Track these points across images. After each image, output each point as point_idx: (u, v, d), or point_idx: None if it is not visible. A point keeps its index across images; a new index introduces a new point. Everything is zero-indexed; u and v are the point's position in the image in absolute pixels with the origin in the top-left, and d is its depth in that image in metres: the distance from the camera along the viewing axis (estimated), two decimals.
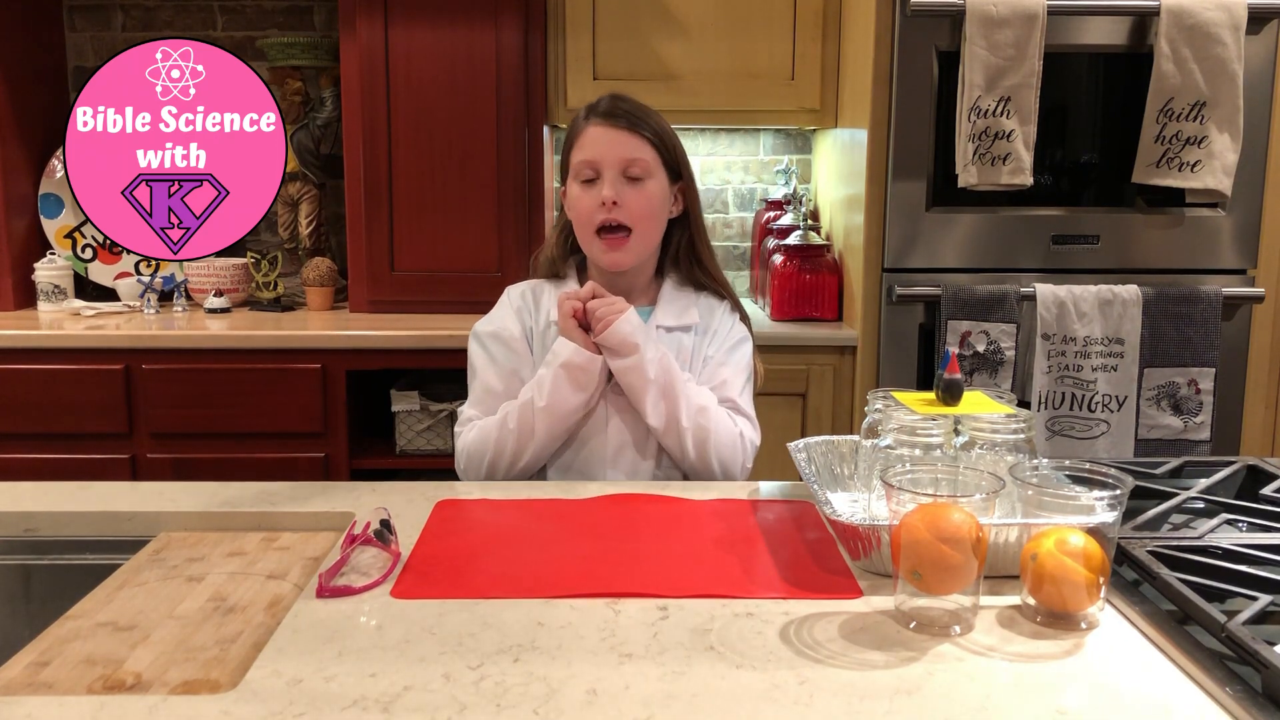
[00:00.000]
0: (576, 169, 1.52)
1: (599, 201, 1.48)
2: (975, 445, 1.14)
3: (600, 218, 1.49)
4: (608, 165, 1.49)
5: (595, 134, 1.50)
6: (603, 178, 1.49)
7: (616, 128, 1.50)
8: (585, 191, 1.51)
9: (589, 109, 1.54)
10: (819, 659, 0.90)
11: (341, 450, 2.44)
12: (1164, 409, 2.30)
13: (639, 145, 1.50)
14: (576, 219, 1.53)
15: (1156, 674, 0.88)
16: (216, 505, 1.30)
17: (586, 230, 1.51)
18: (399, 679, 0.86)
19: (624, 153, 1.49)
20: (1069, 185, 2.40)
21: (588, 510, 1.30)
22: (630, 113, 1.51)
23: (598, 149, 1.50)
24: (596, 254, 1.53)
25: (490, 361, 1.55)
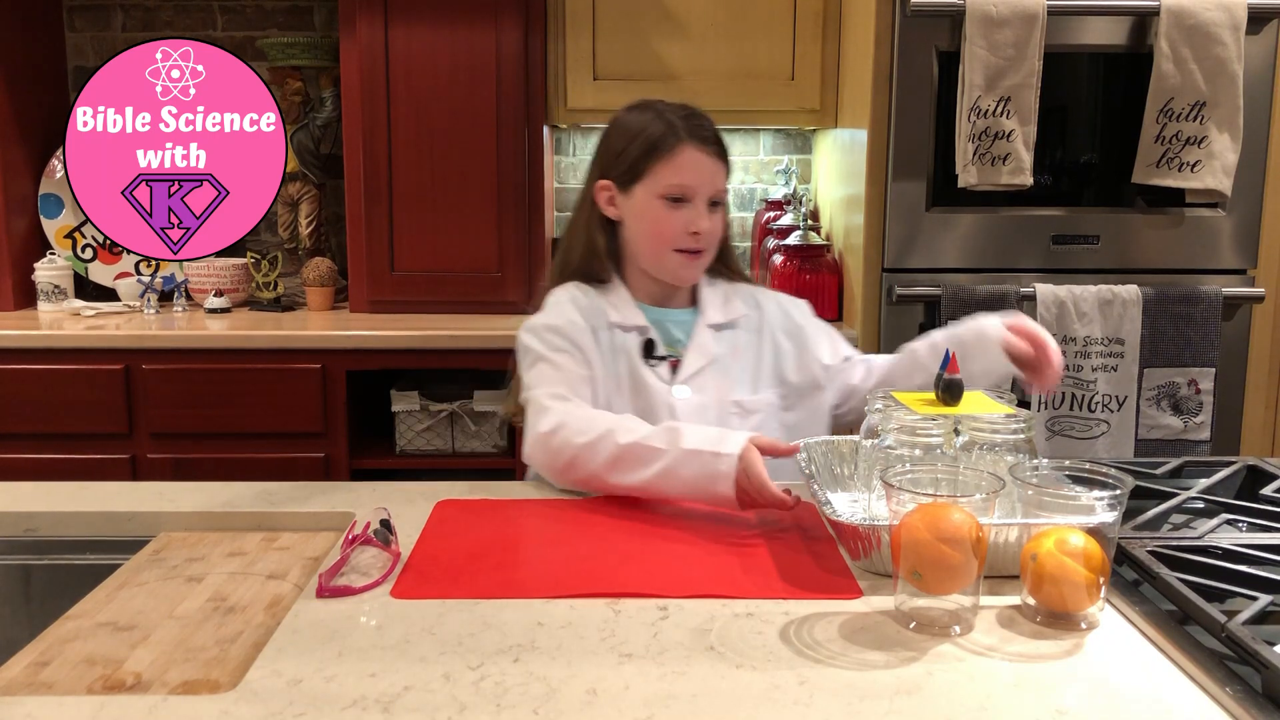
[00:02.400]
0: (668, 188, 1.49)
1: (690, 227, 1.49)
2: (975, 445, 1.14)
3: (688, 244, 1.50)
4: (703, 194, 1.49)
5: (695, 159, 1.49)
6: (694, 204, 1.49)
7: (714, 156, 1.50)
8: (673, 211, 1.49)
9: (677, 126, 1.49)
10: (819, 659, 0.90)
11: (341, 450, 2.44)
12: (1164, 409, 2.30)
13: (725, 176, 1.53)
14: (655, 235, 1.51)
15: (1156, 674, 0.88)
16: (216, 505, 1.30)
17: (665, 248, 1.51)
18: (399, 679, 0.86)
19: (718, 183, 1.51)
20: (1069, 185, 2.39)
21: (588, 510, 1.30)
22: (719, 139, 1.52)
23: (698, 176, 1.49)
24: (670, 269, 1.53)
25: (556, 351, 1.48)
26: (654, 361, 1.52)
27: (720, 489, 1.23)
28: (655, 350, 1.52)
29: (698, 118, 1.52)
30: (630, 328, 1.53)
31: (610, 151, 1.55)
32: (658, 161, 1.49)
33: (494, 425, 2.52)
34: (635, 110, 1.55)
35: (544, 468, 1.39)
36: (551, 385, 1.43)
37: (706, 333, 1.54)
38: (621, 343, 1.52)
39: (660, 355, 1.52)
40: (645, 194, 1.50)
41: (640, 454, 1.29)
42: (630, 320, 1.53)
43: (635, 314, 1.54)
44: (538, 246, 2.65)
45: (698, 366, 1.52)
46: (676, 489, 1.27)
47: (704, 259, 1.53)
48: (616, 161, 1.53)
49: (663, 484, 1.28)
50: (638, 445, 1.29)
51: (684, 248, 1.50)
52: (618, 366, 1.51)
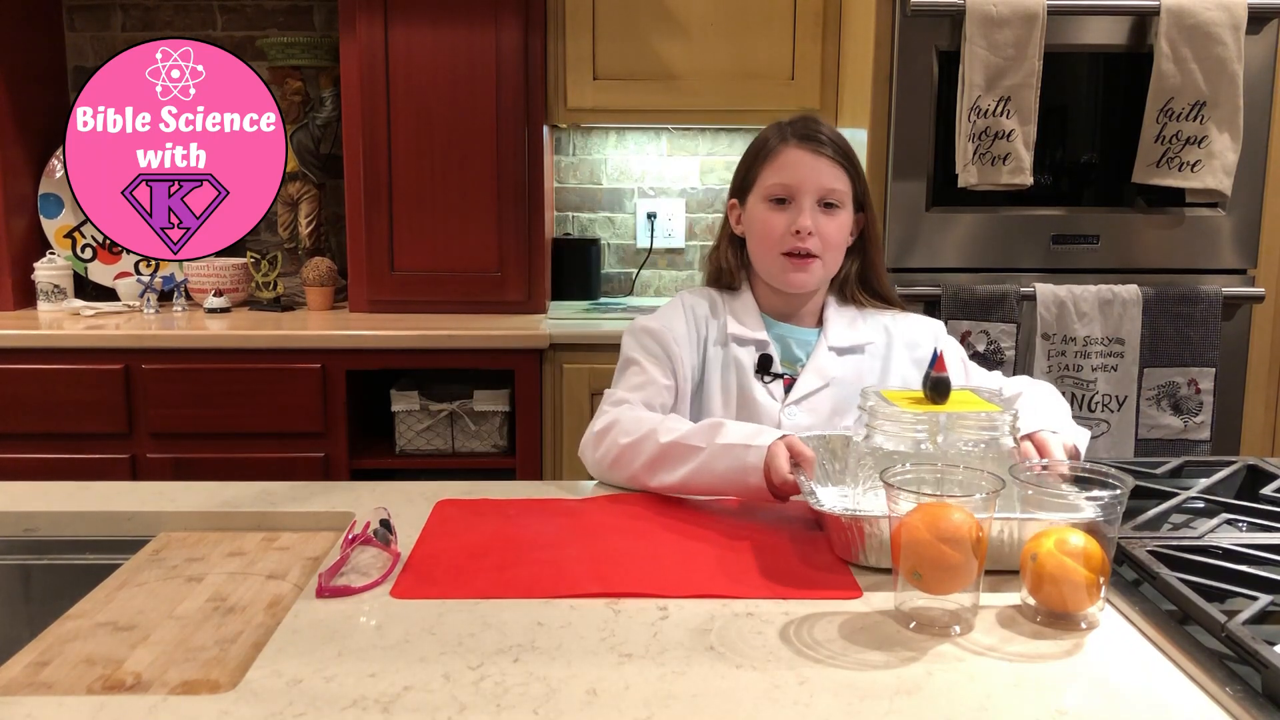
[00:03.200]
0: (769, 189, 1.47)
1: (791, 226, 1.45)
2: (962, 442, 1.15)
3: (792, 244, 1.46)
4: (806, 192, 1.46)
5: (795, 157, 1.46)
6: (798, 203, 1.46)
7: (816, 153, 1.46)
8: (776, 213, 1.47)
9: (784, 129, 1.49)
10: (819, 659, 0.90)
11: (341, 450, 2.44)
12: (1164, 409, 2.30)
13: (838, 174, 1.47)
14: (763, 238, 1.49)
15: (1156, 674, 0.88)
16: (216, 505, 1.30)
17: (772, 251, 1.48)
18: (399, 679, 0.86)
19: (825, 181, 1.46)
20: (1069, 185, 2.39)
21: (588, 510, 1.30)
22: (833, 140, 1.48)
23: (798, 173, 1.46)
24: (778, 273, 1.49)
25: (646, 354, 1.49)
26: (768, 378, 1.49)
27: (751, 480, 1.26)
28: (771, 366, 1.50)
29: (807, 120, 1.49)
30: (748, 341, 1.50)
31: (736, 172, 1.56)
32: (763, 166, 1.49)
33: (494, 425, 2.52)
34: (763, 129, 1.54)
35: (592, 466, 1.43)
36: (624, 390, 1.46)
37: (827, 354, 1.51)
38: (736, 356, 1.50)
39: (776, 372, 1.49)
40: (755, 200, 1.50)
41: (680, 452, 1.31)
42: (750, 333, 1.51)
43: (757, 326, 1.51)
44: (538, 246, 2.65)
45: (812, 388, 1.49)
46: (712, 483, 1.29)
47: (816, 265, 1.47)
48: (737, 179, 1.54)
49: (700, 479, 1.30)
50: (677, 444, 1.32)
51: (789, 250, 1.46)
52: (729, 380, 1.49)
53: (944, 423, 1.15)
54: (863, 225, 1.54)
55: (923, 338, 1.55)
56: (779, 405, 1.48)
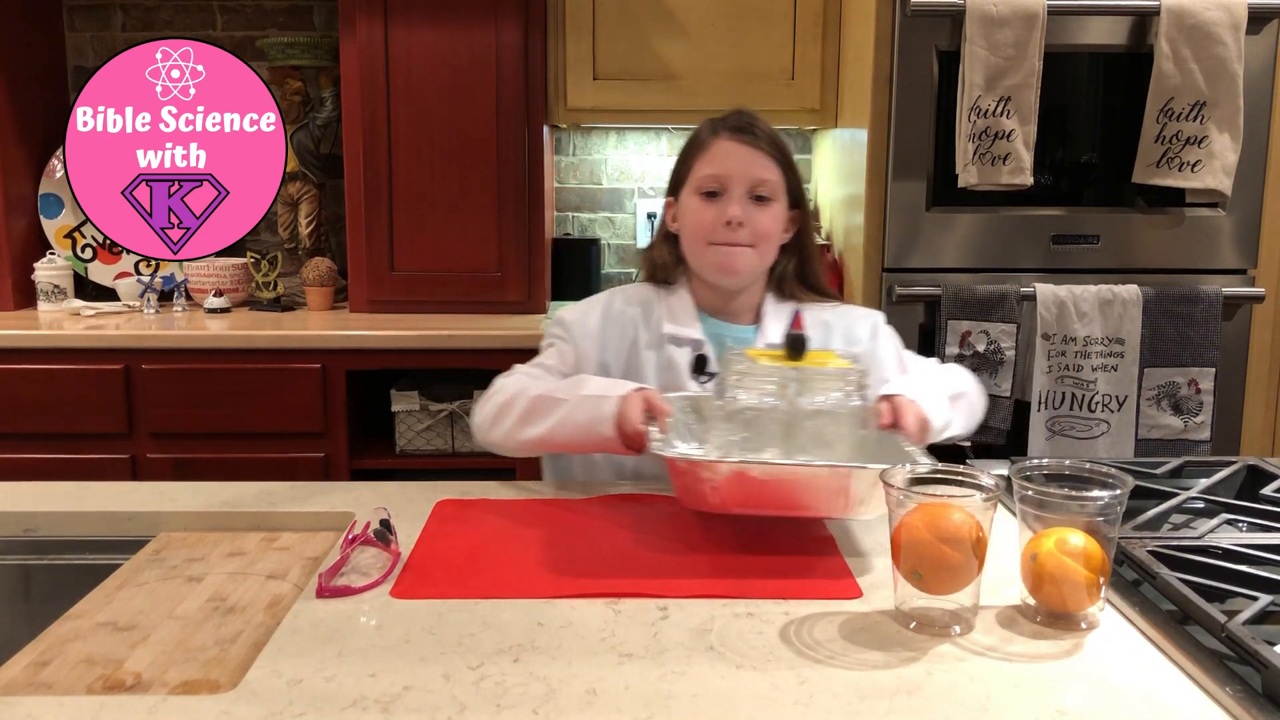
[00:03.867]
0: (700, 181, 1.47)
1: (722, 218, 1.44)
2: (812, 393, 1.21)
3: (723, 235, 1.45)
4: (737, 183, 1.45)
5: (726, 149, 1.46)
6: (729, 194, 1.45)
7: (750, 145, 1.46)
8: (707, 205, 1.46)
9: (717, 123, 1.49)
10: (819, 659, 0.90)
11: (341, 450, 2.44)
12: (1164, 409, 2.30)
13: (769, 166, 1.46)
14: (693, 230, 1.48)
15: (1156, 674, 0.88)
16: (216, 505, 1.30)
17: (700, 242, 1.47)
18: (399, 679, 0.86)
19: (756, 172, 1.45)
20: (1069, 185, 2.39)
21: (588, 510, 1.30)
22: (761, 130, 1.48)
23: (728, 164, 1.45)
24: (709, 265, 1.48)
25: (553, 341, 1.53)
26: (704, 378, 1.48)
27: (604, 430, 1.29)
28: (706, 366, 1.49)
29: (741, 114, 1.49)
30: (684, 340, 1.50)
31: (673, 168, 1.56)
32: (696, 159, 1.49)
33: None
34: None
35: (476, 431, 1.47)
36: (524, 367, 1.50)
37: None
38: (671, 356, 1.49)
39: (711, 372, 1.49)
40: (687, 194, 1.50)
41: (546, 405, 1.35)
42: (685, 332, 1.50)
43: (692, 324, 1.51)
44: (538, 246, 2.65)
45: None
46: (573, 435, 1.33)
47: (747, 255, 1.47)
48: (673, 175, 1.54)
49: (561, 432, 1.34)
50: (545, 396, 1.36)
51: (719, 240, 1.45)
52: (665, 381, 1.48)
53: (795, 378, 1.20)
54: (799, 223, 1.54)
55: (861, 330, 1.56)
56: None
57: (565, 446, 1.38)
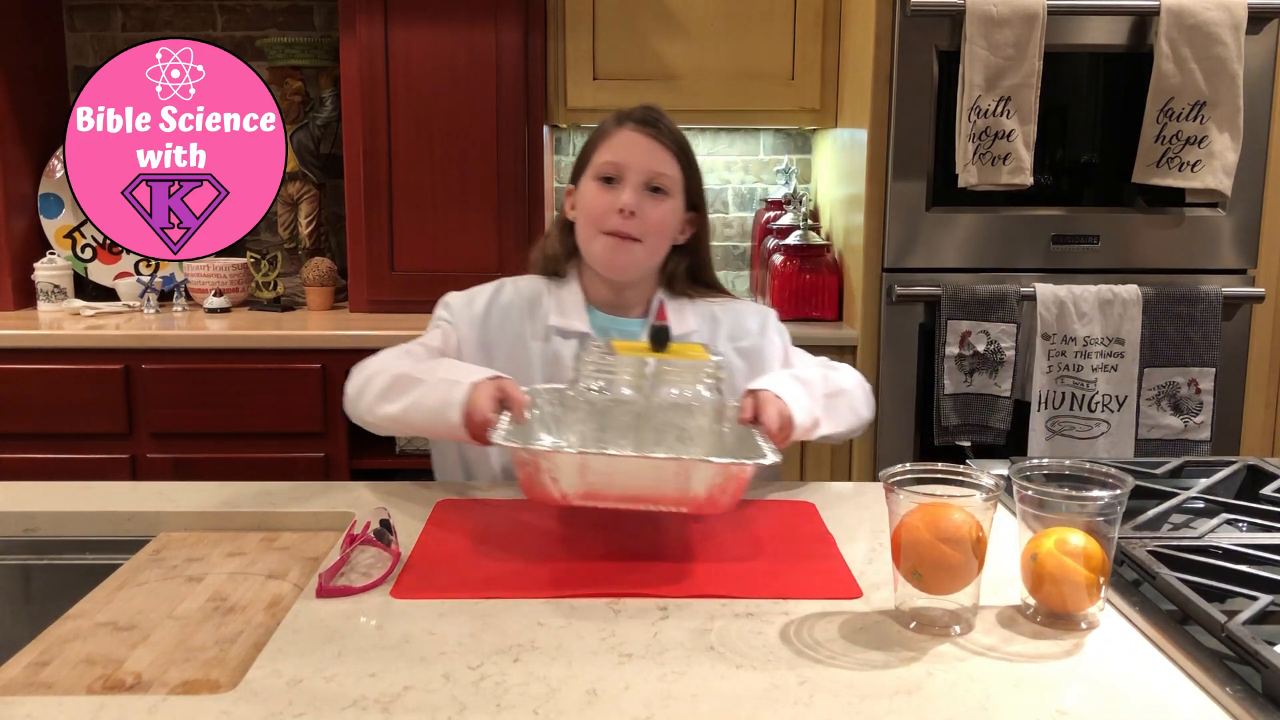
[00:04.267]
0: (599, 167, 1.46)
1: (615, 206, 1.43)
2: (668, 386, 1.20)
3: (614, 223, 1.43)
4: (633, 172, 1.44)
5: (627, 138, 1.46)
6: (625, 182, 1.44)
7: (649, 136, 1.45)
8: (603, 192, 1.45)
9: (623, 114, 1.49)
10: (819, 659, 0.90)
11: (341, 450, 2.44)
12: (1164, 409, 2.30)
13: (667, 159, 1.46)
14: (586, 216, 1.47)
15: (1156, 674, 0.88)
16: (216, 505, 1.30)
17: (592, 229, 1.46)
18: (399, 679, 0.86)
19: (653, 164, 1.45)
20: (1069, 185, 2.40)
21: (588, 510, 1.30)
22: (665, 125, 1.47)
23: (626, 153, 1.45)
24: (598, 253, 1.46)
25: (436, 322, 1.52)
26: None
27: (452, 416, 1.25)
28: None
29: (649, 109, 1.49)
30: (571, 333, 1.48)
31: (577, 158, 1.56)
32: (597, 147, 1.49)
33: None
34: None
35: (346, 402, 1.43)
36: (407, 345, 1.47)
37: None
38: (558, 350, 1.48)
39: None
40: (586, 180, 1.49)
41: (404, 384, 1.33)
42: (572, 325, 1.48)
43: (580, 317, 1.49)
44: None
45: None
46: (423, 419, 1.30)
47: (636, 249, 1.45)
48: (576, 164, 1.54)
49: (414, 414, 1.31)
50: (405, 375, 1.33)
51: (611, 229, 1.43)
52: (551, 375, 1.46)
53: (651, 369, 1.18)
54: (696, 225, 1.53)
55: (751, 324, 1.55)
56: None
57: (419, 429, 1.33)
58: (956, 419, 2.30)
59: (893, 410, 2.37)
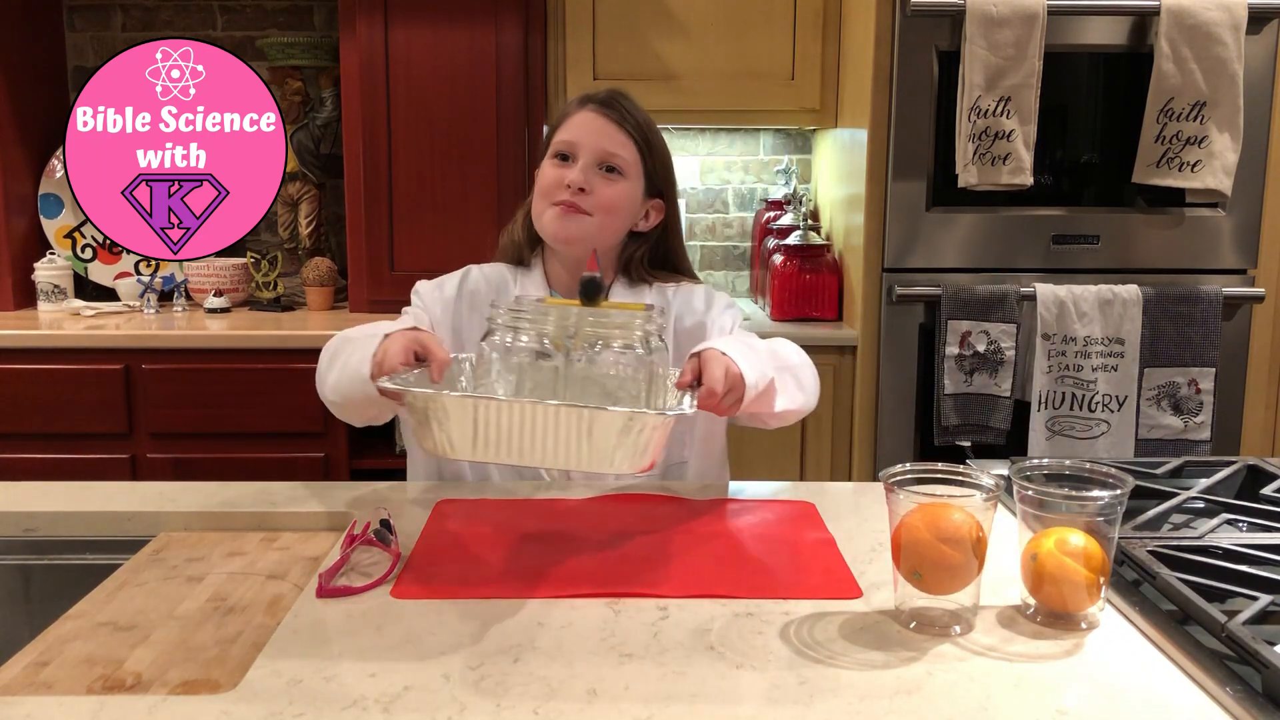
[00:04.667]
0: (555, 145, 1.48)
1: (565, 180, 1.44)
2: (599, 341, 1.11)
3: (562, 197, 1.43)
4: (585, 151, 1.45)
5: (584, 118, 1.48)
6: (577, 160, 1.46)
7: (606, 118, 1.47)
8: (556, 167, 1.47)
9: (586, 96, 1.50)
10: (819, 659, 0.90)
11: (341, 450, 2.44)
12: (1164, 409, 2.30)
13: (623, 141, 1.47)
14: (538, 191, 1.49)
15: (1156, 674, 0.88)
16: (216, 505, 1.30)
17: (544, 201, 1.47)
18: (399, 679, 0.86)
19: (605, 144, 1.46)
20: (1069, 185, 2.40)
21: (588, 510, 1.30)
22: (625, 109, 1.48)
23: (581, 132, 1.46)
24: (547, 224, 1.46)
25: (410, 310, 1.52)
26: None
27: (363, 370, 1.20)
28: None
29: (614, 93, 1.49)
30: None
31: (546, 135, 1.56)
32: (556, 130, 1.50)
33: None
34: None
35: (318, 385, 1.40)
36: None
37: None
38: None
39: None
40: (544, 163, 1.50)
41: (343, 348, 1.31)
42: None
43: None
44: None
45: None
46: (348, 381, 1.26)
47: (585, 220, 1.44)
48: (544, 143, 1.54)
49: (343, 381, 1.28)
50: (346, 339, 1.32)
51: (559, 199, 1.44)
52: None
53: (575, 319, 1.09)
54: (663, 214, 1.53)
55: (698, 304, 1.54)
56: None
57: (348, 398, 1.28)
58: (956, 419, 2.30)
59: (893, 410, 2.37)
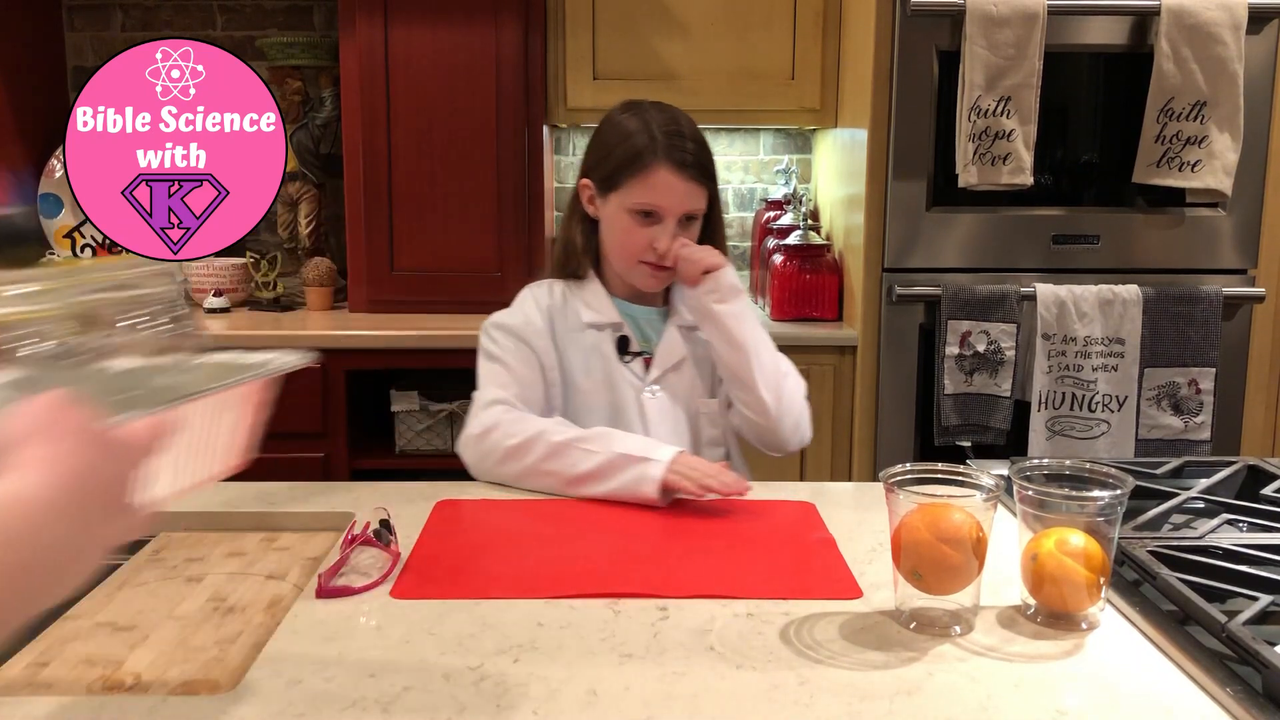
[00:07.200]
0: (635, 204, 1.48)
1: (655, 243, 1.48)
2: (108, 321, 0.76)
3: (652, 258, 1.49)
4: (671, 214, 1.48)
5: (667, 181, 1.47)
6: (663, 225, 1.48)
7: (689, 179, 1.48)
8: (639, 227, 1.49)
9: (655, 140, 1.47)
10: (819, 659, 0.90)
11: (341, 450, 2.44)
12: (1164, 409, 2.30)
13: (701, 196, 1.51)
14: (623, 247, 1.51)
15: (1156, 674, 0.88)
16: (216, 505, 1.30)
17: (630, 260, 1.51)
18: (399, 679, 0.86)
19: (690, 205, 1.50)
20: (1069, 185, 2.39)
21: (588, 510, 1.30)
22: (698, 158, 1.49)
23: (667, 199, 1.48)
24: (637, 279, 1.53)
25: (508, 352, 1.51)
26: (628, 357, 1.53)
27: (645, 489, 1.28)
28: (629, 346, 1.54)
29: (680, 137, 1.48)
30: (604, 325, 1.54)
31: (595, 152, 1.56)
32: (632, 177, 1.49)
33: None
34: (626, 113, 1.53)
35: (473, 468, 1.44)
36: (496, 386, 1.47)
37: (676, 333, 1.55)
38: (595, 342, 1.53)
39: (634, 351, 1.54)
40: (617, 204, 1.51)
41: (573, 455, 1.34)
42: (604, 318, 1.54)
43: (609, 310, 1.55)
44: (538, 246, 2.65)
45: (667, 365, 1.54)
46: (605, 489, 1.31)
47: (671, 273, 1.53)
48: (599, 165, 1.54)
49: (593, 484, 1.32)
50: (571, 447, 1.34)
51: (649, 260, 1.51)
52: (592, 366, 1.52)
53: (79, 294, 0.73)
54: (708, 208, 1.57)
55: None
56: (642, 384, 1.52)
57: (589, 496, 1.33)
58: (957, 419, 2.30)
59: (893, 410, 2.37)
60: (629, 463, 1.30)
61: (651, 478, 1.28)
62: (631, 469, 1.30)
